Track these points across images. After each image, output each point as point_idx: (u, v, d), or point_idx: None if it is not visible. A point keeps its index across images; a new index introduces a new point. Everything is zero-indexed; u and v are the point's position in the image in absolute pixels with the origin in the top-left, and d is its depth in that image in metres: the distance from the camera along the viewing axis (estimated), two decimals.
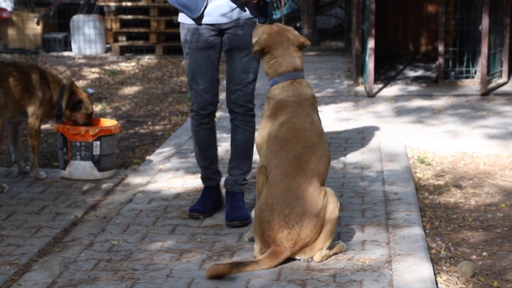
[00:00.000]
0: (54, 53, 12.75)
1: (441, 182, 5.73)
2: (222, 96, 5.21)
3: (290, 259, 3.98)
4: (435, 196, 5.41)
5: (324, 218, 3.97)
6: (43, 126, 7.48)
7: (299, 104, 4.10)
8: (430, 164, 6.21)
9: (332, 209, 4.00)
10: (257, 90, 5.13)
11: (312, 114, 4.12)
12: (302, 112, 4.08)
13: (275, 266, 3.92)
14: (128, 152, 6.76)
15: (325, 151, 4.08)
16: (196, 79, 4.69)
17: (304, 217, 3.94)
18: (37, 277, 3.89)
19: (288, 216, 3.93)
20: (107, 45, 13.03)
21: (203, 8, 4.55)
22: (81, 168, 5.65)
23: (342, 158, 6.20)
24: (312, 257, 4.01)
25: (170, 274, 3.92)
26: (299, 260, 4.02)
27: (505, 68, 9.34)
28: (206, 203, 4.82)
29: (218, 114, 7.92)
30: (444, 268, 4.12)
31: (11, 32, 12.98)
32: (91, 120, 5.84)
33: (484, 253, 4.34)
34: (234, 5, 4.56)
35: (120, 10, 13.07)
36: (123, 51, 12.89)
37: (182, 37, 4.71)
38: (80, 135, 5.60)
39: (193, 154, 6.46)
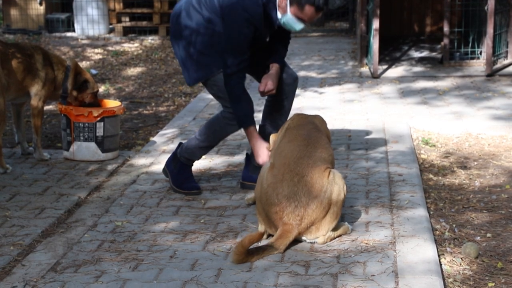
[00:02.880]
0: (57, 34, 12.71)
1: (445, 164, 5.71)
2: None
3: (296, 240, 3.97)
4: (440, 178, 5.39)
5: (330, 199, 3.96)
6: (47, 107, 7.47)
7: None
8: (434, 146, 6.19)
9: (338, 191, 3.99)
10: None
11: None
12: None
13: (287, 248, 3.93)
14: (132, 133, 6.75)
15: (329, 150, 4.24)
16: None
17: (310, 193, 3.94)
18: (40, 258, 3.89)
19: (294, 193, 3.93)
20: (110, 26, 12.98)
21: None
22: (84, 149, 5.64)
23: (346, 140, 6.18)
24: (317, 238, 4.01)
25: (174, 255, 3.92)
26: (305, 240, 4.02)
27: (510, 48, 9.29)
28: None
29: None
30: (448, 249, 4.11)
31: (13, 12, 12.94)
32: (97, 99, 5.82)
33: (488, 235, 4.33)
34: None
35: None
36: (126, 31, 12.84)
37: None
38: (84, 116, 5.59)
39: None
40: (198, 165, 5.52)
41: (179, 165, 4.94)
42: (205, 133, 4.87)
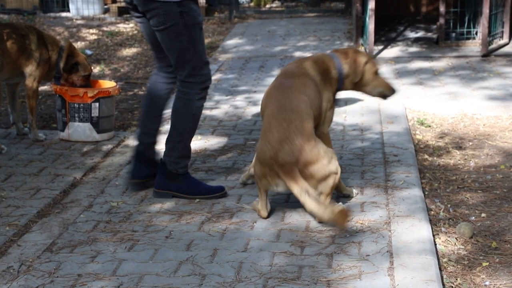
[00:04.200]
0: (52, 14, 12.64)
1: (440, 144, 5.72)
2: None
3: (292, 219, 3.97)
4: (435, 158, 5.40)
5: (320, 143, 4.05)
6: (42, 88, 7.45)
7: None
8: (430, 126, 6.19)
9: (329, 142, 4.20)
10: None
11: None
12: None
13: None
14: (127, 114, 6.74)
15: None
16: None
17: (301, 135, 3.94)
18: (36, 238, 3.90)
19: (285, 136, 3.93)
20: (105, 6, 12.91)
21: None
22: (79, 130, 5.63)
23: (341, 120, 6.18)
24: (321, 192, 3.98)
25: (169, 235, 3.93)
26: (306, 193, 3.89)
27: (506, 29, 9.27)
28: None
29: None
30: (443, 229, 4.13)
31: None
32: (89, 82, 5.80)
33: (483, 214, 4.34)
34: None
35: None
36: (121, 12, 12.77)
37: (195, 15, 4.25)
38: (79, 97, 5.58)
39: None
40: (194, 146, 5.51)
41: (182, 178, 4.46)
42: (176, 129, 4.43)
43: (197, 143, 5.52)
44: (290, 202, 4.33)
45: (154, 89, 4.56)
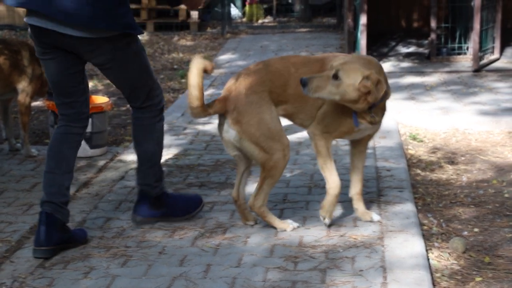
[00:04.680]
0: None
1: (433, 159, 5.74)
2: None
3: (284, 235, 3.97)
4: (427, 173, 5.42)
5: None
6: (34, 103, 7.44)
7: None
8: (422, 141, 6.21)
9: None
10: None
11: None
12: None
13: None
14: (120, 130, 6.74)
15: None
16: None
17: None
18: (29, 254, 3.88)
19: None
20: None
21: None
22: None
23: None
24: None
25: (163, 251, 3.92)
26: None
27: (497, 44, 9.33)
28: None
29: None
30: (436, 244, 4.13)
31: (0, 8, 12.87)
32: None
33: (476, 229, 4.35)
34: None
35: None
36: None
37: (138, 39, 4.04)
38: None
39: (185, 131, 6.46)
40: (187, 162, 5.52)
41: (164, 199, 4.31)
42: (145, 157, 4.24)
43: (191, 158, 5.53)
44: (283, 218, 4.33)
45: (62, 144, 4.01)
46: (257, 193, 4.09)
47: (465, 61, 9.23)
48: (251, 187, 4.45)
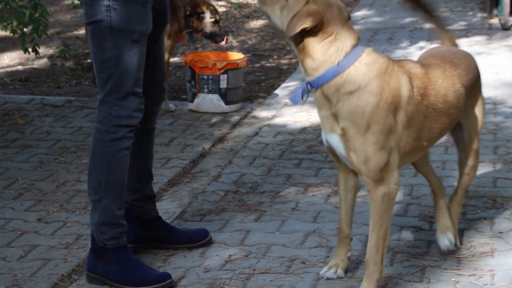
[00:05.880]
0: None
1: None
2: None
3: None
4: None
5: None
6: (172, 59, 7.60)
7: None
8: None
9: None
10: None
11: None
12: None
13: None
14: (254, 86, 6.79)
15: None
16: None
17: None
18: (167, 206, 4.00)
19: None
20: None
21: None
22: (208, 101, 5.72)
23: None
24: None
25: (296, 207, 3.94)
26: None
27: None
28: None
29: None
30: None
31: None
32: (219, 27, 5.81)
33: None
34: None
35: None
36: None
37: (129, 18, 3.06)
38: (208, 68, 5.66)
39: None
40: None
41: (113, 255, 3.15)
42: (91, 183, 3.15)
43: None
44: (419, 177, 4.24)
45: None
46: None
47: None
48: None
